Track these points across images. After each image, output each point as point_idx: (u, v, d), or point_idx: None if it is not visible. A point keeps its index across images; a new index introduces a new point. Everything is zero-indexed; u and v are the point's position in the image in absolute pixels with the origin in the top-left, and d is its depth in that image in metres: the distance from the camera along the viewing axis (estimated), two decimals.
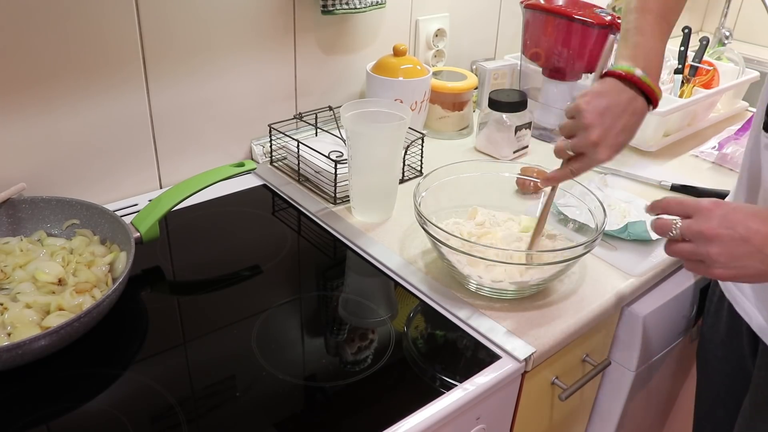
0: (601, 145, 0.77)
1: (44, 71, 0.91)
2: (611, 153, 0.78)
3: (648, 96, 0.79)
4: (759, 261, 0.63)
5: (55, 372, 0.73)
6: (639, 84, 0.78)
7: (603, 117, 0.77)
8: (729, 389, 0.92)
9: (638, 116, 0.79)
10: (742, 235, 0.63)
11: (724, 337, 0.91)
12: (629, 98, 0.78)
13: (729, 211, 0.65)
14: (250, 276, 0.91)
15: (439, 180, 0.94)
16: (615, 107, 0.77)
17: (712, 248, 0.65)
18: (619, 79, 0.78)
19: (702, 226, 0.65)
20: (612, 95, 0.78)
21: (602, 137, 0.77)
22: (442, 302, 0.85)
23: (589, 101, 0.78)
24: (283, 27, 1.14)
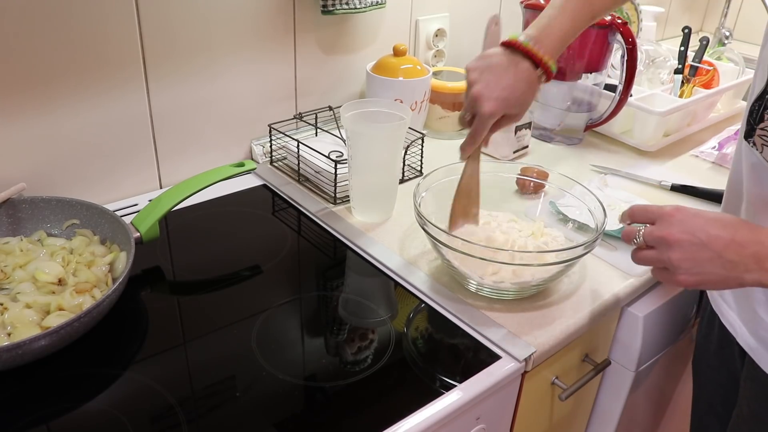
0: (483, 98, 0.81)
1: (44, 71, 0.91)
2: (494, 106, 0.81)
3: (534, 60, 0.81)
4: (720, 266, 0.64)
5: (55, 372, 0.73)
6: (519, 47, 0.81)
7: (483, 74, 0.82)
8: (723, 400, 0.92)
9: (523, 74, 0.82)
10: (702, 241, 0.64)
11: (717, 347, 0.91)
12: (510, 59, 0.82)
13: (689, 217, 0.66)
14: (250, 276, 0.91)
15: (439, 180, 0.94)
16: (497, 66, 0.82)
17: (673, 254, 0.65)
18: (503, 46, 0.83)
19: (663, 232, 0.66)
20: (496, 56, 0.83)
21: (483, 91, 0.81)
22: (442, 302, 0.85)
23: (472, 62, 0.83)
24: (283, 27, 1.14)
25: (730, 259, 0.63)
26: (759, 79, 0.73)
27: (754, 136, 0.72)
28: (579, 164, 1.23)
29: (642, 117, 1.27)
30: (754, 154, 0.73)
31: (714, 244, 0.64)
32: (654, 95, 1.33)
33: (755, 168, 0.73)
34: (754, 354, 0.78)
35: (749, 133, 0.74)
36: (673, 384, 1.18)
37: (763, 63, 0.73)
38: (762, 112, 0.71)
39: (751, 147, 0.73)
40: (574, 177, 0.96)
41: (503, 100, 0.81)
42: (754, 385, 0.80)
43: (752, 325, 0.78)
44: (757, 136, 0.72)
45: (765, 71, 0.71)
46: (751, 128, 0.73)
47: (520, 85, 0.82)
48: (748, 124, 0.74)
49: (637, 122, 1.28)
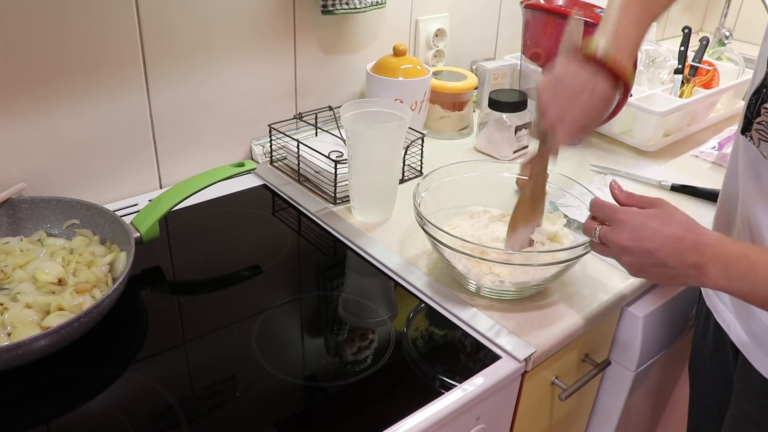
0: (558, 128, 0.77)
1: (44, 71, 0.91)
2: (569, 134, 0.78)
3: (612, 74, 0.75)
4: (664, 272, 0.69)
5: (55, 372, 0.73)
6: (597, 62, 0.75)
7: (557, 98, 0.76)
8: (718, 403, 0.92)
9: (599, 95, 0.76)
10: (648, 249, 0.68)
11: (712, 350, 0.91)
12: (587, 77, 0.75)
13: (639, 225, 0.70)
14: (250, 276, 0.91)
15: (439, 180, 0.94)
16: (571, 87, 0.76)
17: (623, 257, 0.71)
18: (578, 61, 0.76)
19: (615, 237, 0.71)
20: (569, 76, 0.76)
21: (557, 119, 0.77)
22: (442, 302, 0.85)
23: (544, 83, 0.78)
24: (283, 27, 1.14)
25: (673, 266, 0.67)
26: (758, 72, 0.73)
27: (751, 130, 0.72)
28: (579, 164, 1.23)
29: (642, 117, 1.27)
30: (751, 148, 0.72)
31: (659, 252, 0.68)
32: (654, 95, 1.33)
33: (752, 162, 0.73)
34: (746, 350, 0.78)
35: (746, 128, 0.73)
36: (672, 384, 1.18)
37: (762, 56, 0.72)
38: (759, 105, 0.71)
39: (748, 141, 0.73)
40: (574, 177, 0.96)
41: (579, 127, 0.77)
42: (746, 386, 0.80)
43: (746, 322, 0.78)
44: (754, 131, 0.72)
45: (764, 64, 0.71)
46: (748, 122, 0.73)
47: (597, 107, 0.76)
48: (745, 118, 0.74)
49: (637, 122, 1.28)
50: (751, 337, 0.77)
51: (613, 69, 0.75)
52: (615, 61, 0.75)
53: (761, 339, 0.76)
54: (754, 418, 0.79)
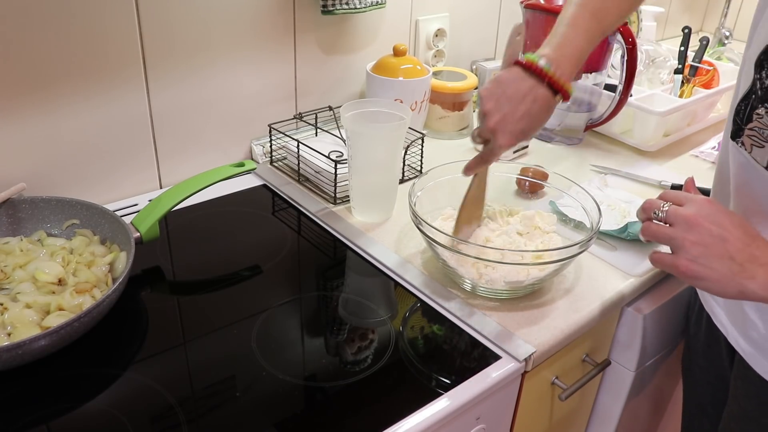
0: (499, 131, 0.79)
1: (44, 72, 0.91)
2: (510, 139, 0.79)
3: (552, 85, 0.78)
4: (726, 267, 0.63)
5: (55, 372, 0.73)
6: (539, 73, 0.77)
7: (500, 103, 0.78)
8: (712, 399, 0.92)
9: (540, 104, 0.78)
10: (723, 236, 0.63)
11: (705, 347, 0.91)
12: (529, 86, 0.78)
13: (720, 211, 0.65)
14: (250, 276, 0.91)
15: (435, 180, 0.94)
16: (514, 94, 0.78)
17: (690, 235, 0.64)
18: (521, 68, 0.78)
19: (690, 212, 0.65)
20: (512, 83, 0.78)
21: (499, 123, 0.78)
22: (442, 302, 0.85)
23: (488, 89, 0.80)
24: (283, 27, 1.14)
25: (739, 263, 0.62)
26: (744, 78, 0.73)
27: (742, 136, 0.72)
28: (579, 164, 1.23)
29: (642, 117, 1.27)
30: (741, 154, 0.72)
31: (732, 243, 0.63)
32: (654, 95, 1.33)
33: (743, 168, 0.73)
34: (746, 356, 0.78)
35: (736, 133, 0.73)
36: (672, 384, 1.18)
37: (748, 62, 0.72)
38: (749, 112, 0.71)
39: (739, 147, 0.72)
40: (574, 177, 0.96)
41: (519, 132, 0.79)
42: (744, 383, 0.80)
43: (742, 326, 0.78)
44: (745, 137, 0.71)
45: (751, 70, 0.71)
46: (738, 128, 0.73)
47: (538, 114, 0.79)
48: (734, 124, 0.74)
49: (637, 122, 1.28)
50: (750, 343, 0.77)
51: (551, 80, 0.78)
52: (553, 74, 0.77)
53: (759, 345, 0.76)
54: (753, 416, 0.79)
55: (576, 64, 0.80)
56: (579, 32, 0.80)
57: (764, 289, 0.62)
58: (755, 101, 0.70)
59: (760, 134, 0.69)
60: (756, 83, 0.70)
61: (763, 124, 0.69)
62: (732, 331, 0.80)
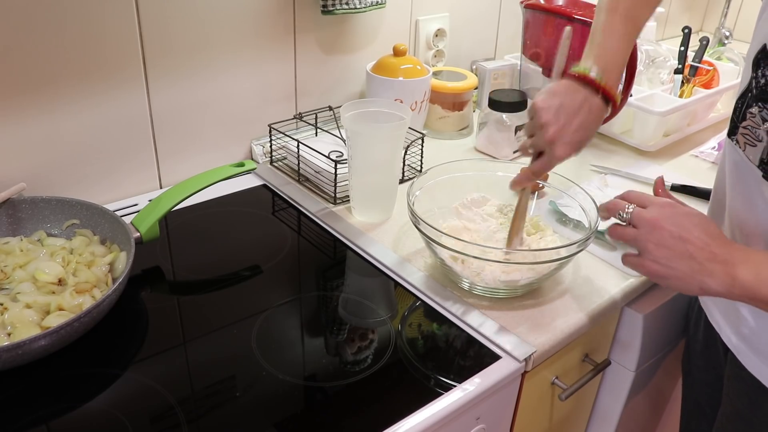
0: (558, 143, 0.80)
1: (44, 71, 0.91)
2: (568, 150, 0.81)
3: (605, 95, 0.80)
4: (687, 266, 0.66)
5: (55, 372, 0.73)
6: (593, 84, 0.79)
7: (558, 115, 0.79)
8: (710, 400, 0.92)
9: (594, 114, 0.81)
10: (683, 236, 0.67)
11: (703, 347, 0.91)
12: (584, 97, 0.80)
13: (680, 213, 0.69)
14: (250, 276, 0.91)
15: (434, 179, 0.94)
16: (570, 105, 0.79)
17: (652, 238, 0.68)
18: (574, 80, 0.80)
19: (653, 215, 0.69)
20: (567, 94, 0.80)
21: (558, 135, 0.80)
22: (442, 302, 0.85)
23: (544, 100, 0.81)
24: (283, 27, 1.14)
25: (699, 261, 0.66)
26: (744, 76, 0.73)
27: (737, 134, 0.73)
28: (579, 164, 1.23)
29: (642, 117, 1.27)
30: (736, 151, 0.73)
31: (692, 243, 0.66)
32: (654, 95, 1.33)
33: (737, 166, 0.73)
34: (737, 352, 0.78)
35: (732, 131, 0.74)
36: (672, 384, 1.18)
37: (748, 60, 0.73)
38: (744, 110, 0.71)
39: (734, 145, 0.73)
40: (574, 177, 0.96)
41: (577, 143, 0.81)
42: (737, 383, 0.80)
43: (735, 323, 0.78)
44: (739, 134, 0.72)
45: (749, 68, 0.71)
46: (734, 126, 0.74)
47: (593, 124, 0.81)
48: (731, 121, 0.74)
49: (637, 122, 1.28)
50: (740, 339, 0.77)
51: (605, 91, 0.80)
52: (607, 85, 0.80)
53: (750, 340, 0.76)
54: (746, 416, 0.79)
55: (620, 70, 0.82)
56: (616, 38, 0.81)
57: (721, 285, 0.65)
58: (750, 99, 0.71)
59: (753, 133, 0.70)
60: (752, 81, 0.70)
61: (755, 123, 0.69)
62: (725, 328, 0.80)
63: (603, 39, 0.81)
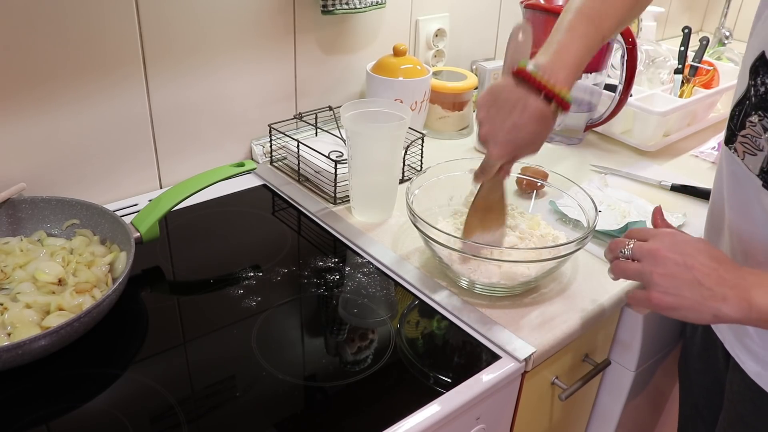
0: (490, 142, 0.77)
1: (44, 71, 0.91)
2: (501, 151, 0.77)
3: (545, 94, 0.74)
4: (697, 293, 0.63)
5: (55, 372, 0.73)
6: (529, 80, 0.74)
7: (489, 113, 0.76)
8: (708, 402, 0.91)
9: (531, 114, 0.74)
10: (687, 263, 0.64)
11: (701, 350, 0.91)
12: (519, 95, 0.74)
13: (683, 241, 0.67)
14: (250, 276, 0.91)
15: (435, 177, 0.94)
16: (504, 103, 0.75)
17: (656, 269, 0.65)
18: (513, 76, 0.75)
19: (653, 246, 0.67)
20: (503, 92, 0.76)
21: (489, 134, 0.77)
22: (442, 302, 0.85)
23: (482, 97, 0.78)
24: (283, 27, 1.14)
25: (708, 287, 0.63)
26: (740, 83, 0.72)
27: (735, 142, 0.71)
28: (579, 164, 1.23)
29: (642, 117, 1.27)
30: (734, 160, 0.72)
31: (697, 269, 0.64)
32: (654, 95, 1.33)
33: (735, 174, 0.72)
34: (741, 363, 0.77)
35: (730, 139, 0.73)
36: (672, 384, 1.18)
37: (744, 66, 0.71)
38: (743, 118, 0.70)
39: (732, 153, 0.72)
40: (574, 177, 0.96)
41: (509, 143, 0.76)
42: (740, 388, 0.79)
43: (737, 333, 0.77)
44: (738, 143, 0.71)
45: (746, 75, 0.70)
46: (731, 134, 0.72)
47: (529, 125, 0.75)
48: (728, 129, 0.73)
49: (637, 122, 1.28)
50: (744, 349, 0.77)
51: (544, 89, 0.74)
52: (543, 80, 0.74)
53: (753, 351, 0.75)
54: (750, 421, 0.79)
55: (574, 71, 0.76)
56: (576, 37, 0.77)
57: (737, 311, 0.62)
58: (749, 107, 0.69)
59: (753, 142, 0.69)
60: (750, 89, 0.69)
61: (755, 132, 0.68)
62: (729, 337, 0.80)
63: (560, 38, 0.77)
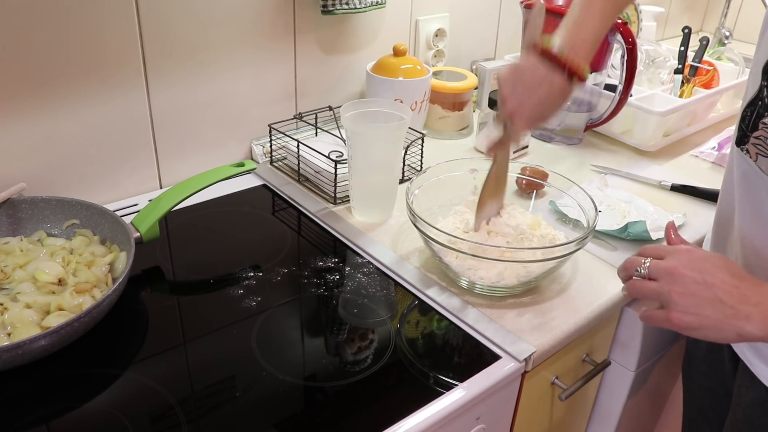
0: (516, 116, 0.80)
1: (45, 71, 0.91)
2: (526, 125, 0.81)
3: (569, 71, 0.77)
4: (719, 311, 0.62)
5: (55, 372, 0.73)
6: (554, 59, 0.77)
7: (515, 88, 0.79)
8: (712, 405, 0.91)
9: (555, 90, 0.78)
10: (707, 281, 0.62)
11: (707, 352, 0.90)
12: (545, 72, 0.78)
13: (701, 257, 0.65)
14: (250, 276, 0.91)
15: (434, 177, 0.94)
16: (529, 80, 0.78)
17: (675, 287, 0.64)
18: (537, 54, 0.78)
19: (670, 264, 0.65)
20: (528, 69, 0.79)
21: (516, 109, 0.79)
22: (442, 302, 0.85)
23: (506, 74, 0.81)
24: (283, 27, 1.14)
25: (731, 305, 0.61)
26: (752, 83, 0.71)
27: (747, 143, 0.71)
28: (579, 164, 1.23)
29: (642, 117, 1.27)
30: (746, 161, 0.71)
31: (718, 287, 0.62)
32: (654, 95, 1.33)
33: (746, 176, 0.72)
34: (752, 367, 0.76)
35: (741, 140, 0.72)
36: (672, 384, 1.18)
37: (756, 66, 0.71)
38: (755, 119, 0.70)
39: (744, 154, 0.71)
40: (574, 177, 0.96)
41: (536, 118, 0.80)
42: (749, 392, 0.78)
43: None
44: (750, 144, 0.70)
45: (758, 75, 0.70)
46: (743, 135, 0.72)
47: (553, 100, 0.79)
48: (740, 130, 0.72)
49: (637, 122, 1.28)
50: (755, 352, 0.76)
51: (567, 65, 0.77)
52: (569, 59, 0.77)
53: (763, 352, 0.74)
54: (759, 425, 0.78)
55: (592, 46, 0.80)
56: (594, 13, 0.79)
57: (762, 329, 0.61)
58: (761, 109, 0.69)
59: (766, 144, 0.68)
60: (763, 90, 0.69)
61: None
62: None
63: (578, 14, 0.79)
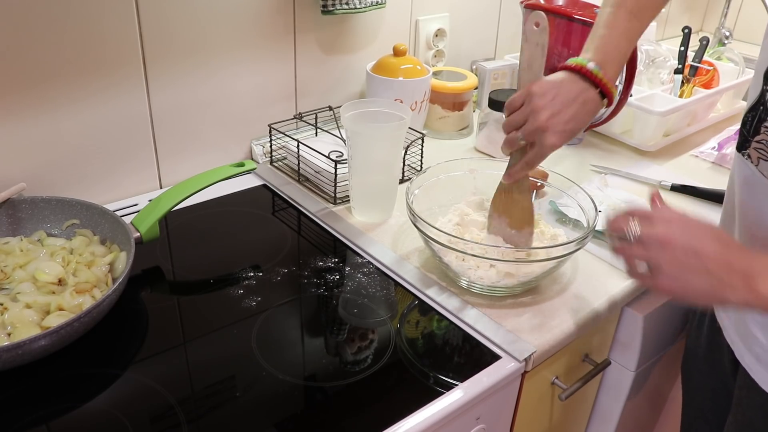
0: (550, 130, 0.78)
1: (44, 71, 0.91)
2: (560, 139, 0.79)
3: (602, 89, 0.79)
4: (705, 281, 0.62)
5: (55, 372, 0.73)
6: (590, 76, 0.78)
7: (553, 102, 0.78)
8: (712, 405, 0.91)
9: (588, 107, 0.79)
10: (696, 249, 0.62)
11: (707, 352, 0.90)
12: (580, 89, 0.79)
13: (691, 225, 0.65)
14: (250, 276, 0.91)
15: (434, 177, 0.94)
16: (566, 94, 0.78)
17: (663, 254, 0.63)
18: (571, 72, 0.79)
19: (659, 230, 0.64)
20: (563, 84, 0.79)
21: (551, 122, 0.78)
22: (442, 302, 0.85)
23: (541, 86, 0.79)
24: (283, 27, 1.14)
25: (717, 275, 0.61)
26: (753, 87, 0.72)
27: (748, 148, 0.71)
28: (579, 164, 1.23)
29: (642, 117, 1.27)
30: (747, 166, 0.71)
31: (706, 255, 0.62)
32: (654, 95, 1.33)
33: (748, 180, 0.72)
34: (751, 371, 0.77)
35: (743, 145, 0.72)
36: (672, 384, 1.18)
37: (758, 71, 0.71)
38: (757, 124, 0.70)
39: (745, 159, 0.71)
40: (574, 177, 0.96)
41: (569, 133, 0.79)
42: (750, 393, 0.78)
43: (746, 341, 0.77)
44: (752, 149, 0.70)
45: (760, 80, 0.70)
46: (744, 140, 0.72)
47: (585, 117, 0.80)
48: (741, 135, 0.73)
49: (637, 122, 1.28)
50: (753, 356, 0.76)
51: (602, 85, 0.79)
52: (603, 79, 0.79)
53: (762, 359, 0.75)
54: (759, 427, 0.78)
55: (619, 66, 0.81)
56: (618, 33, 0.80)
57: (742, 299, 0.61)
58: (763, 113, 0.69)
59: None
60: (764, 95, 0.69)
61: None
62: (738, 344, 0.79)
63: (605, 33, 0.80)
